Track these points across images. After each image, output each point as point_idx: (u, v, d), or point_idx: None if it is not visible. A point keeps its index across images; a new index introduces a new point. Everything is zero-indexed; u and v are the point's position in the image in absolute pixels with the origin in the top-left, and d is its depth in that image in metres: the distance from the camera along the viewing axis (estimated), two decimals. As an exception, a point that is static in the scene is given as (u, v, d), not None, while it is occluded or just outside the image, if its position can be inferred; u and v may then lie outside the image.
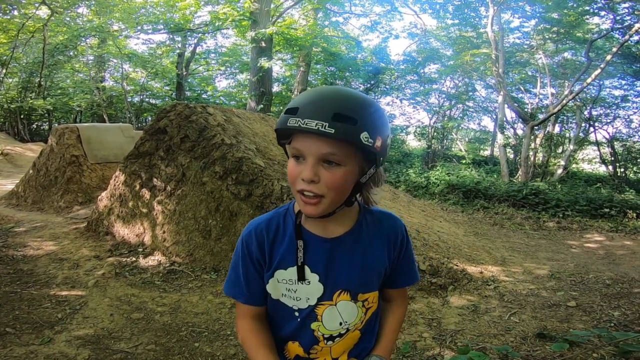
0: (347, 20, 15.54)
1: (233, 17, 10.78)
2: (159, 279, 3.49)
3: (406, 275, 1.01)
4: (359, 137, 0.76)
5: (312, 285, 0.90)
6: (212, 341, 2.53)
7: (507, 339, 2.53)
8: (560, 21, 10.35)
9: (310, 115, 0.76)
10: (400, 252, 0.98)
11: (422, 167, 12.76)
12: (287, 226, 0.93)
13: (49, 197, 6.15)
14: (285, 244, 0.91)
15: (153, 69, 16.50)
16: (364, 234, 0.93)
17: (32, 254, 3.94)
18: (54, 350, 2.32)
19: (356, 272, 0.91)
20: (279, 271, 0.91)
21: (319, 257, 0.90)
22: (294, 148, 0.81)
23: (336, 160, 0.79)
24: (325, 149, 0.78)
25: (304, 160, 0.81)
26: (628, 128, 14.32)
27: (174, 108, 4.51)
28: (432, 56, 14.79)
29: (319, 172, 0.80)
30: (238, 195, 3.81)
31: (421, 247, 3.63)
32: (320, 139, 0.78)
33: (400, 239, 0.97)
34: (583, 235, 6.08)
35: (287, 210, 0.95)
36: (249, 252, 0.93)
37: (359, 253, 0.92)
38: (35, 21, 13.12)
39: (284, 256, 0.91)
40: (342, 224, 0.92)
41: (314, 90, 0.83)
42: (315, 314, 0.92)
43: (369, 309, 0.95)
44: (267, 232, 0.92)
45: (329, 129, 0.75)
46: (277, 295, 0.93)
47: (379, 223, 0.96)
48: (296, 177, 0.82)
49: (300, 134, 0.80)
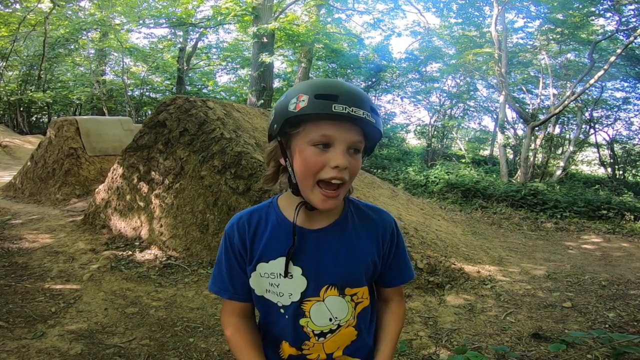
0: (349, 17, 15.48)
1: (235, 12, 10.72)
2: (154, 273, 3.48)
3: (400, 273, 0.99)
4: (381, 129, 0.84)
5: (295, 280, 0.88)
6: (207, 337, 2.52)
7: (502, 339, 2.52)
8: (565, 22, 10.29)
9: (355, 103, 0.78)
10: (391, 247, 0.96)
11: (421, 165, 12.75)
12: (269, 218, 0.91)
13: (47, 189, 6.13)
14: (267, 235, 0.89)
15: (154, 63, 16.46)
16: (350, 226, 0.92)
17: (27, 247, 3.93)
18: (46, 345, 2.30)
19: (342, 265, 0.89)
20: (260, 264, 0.89)
21: (303, 249, 0.88)
22: (323, 135, 0.79)
23: (359, 148, 0.83)
24: (356, 137, 0.81)
25: (332, 147, 0.80)
26: (628, 130, 14.33)
27: (173, 101, 4.49)
28: (435, 55, 14.74)
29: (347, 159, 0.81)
30: (236, 190, 3.79)
31: (419, 245, 3.62)
32: (352, 128, 0.80)
33: (390, 233, 0.95)
34: (580, 237, 6.07)
35: (271, 204, 0.94)
36: (231, 246, 0.92)
37: (345, 244, 0.90)
38: (36, 14, 13.06)
39: (265, 248, 0.89)
40: (328, 214, 0.90)
41: (338, 82, 0.82)
42: (303, 310, 0.89)
43: (359, 304, 0.93)
44: (248, 224, 0.91)
45: (371, 118, 0.79)
46: (262, 291, 0.91)
47: (366, 216, 0.95)
48: (322, 166, 0.80)
49: (328, 121, 0.79)
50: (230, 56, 17.24)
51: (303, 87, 0.81)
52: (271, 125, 0.85)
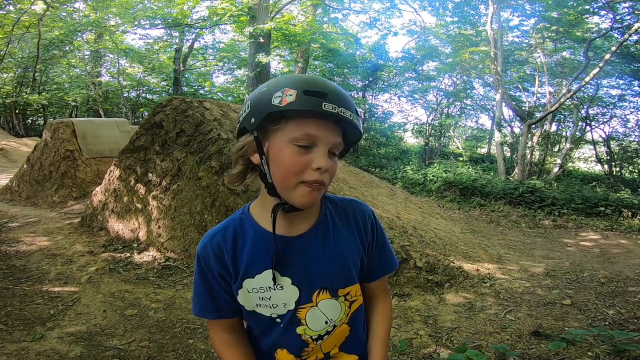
0: (346, 17, 15.46)
1: (231, 12, 10.69)
2: (153, 274, 3.46)
3: (383, 263, 0.95)
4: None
5: (286, 290, 0.84)
6: (206, 338, 2.51)
7: (502, 337, 2.52)
8: (560, 20, 10.33)
9: (343, 103, 0.75)
10: (373, 237, 0.93)
11: (419, 164, 12.76)
12: (245, 231, 0.86)
13: (43, 192, 6.09)
14: (247, 250, 0.85)
15: (150, 64, 16.38)
16: (330, 225, 0.88)
17: (25, 250, 3.90)
18: (46, 347, 2.29)
19: (331, 267, 0.86)
20: (247, 280, 0.84)
21: (287, 258, 0.84)
22: (307, 134, 0.74)
23: (338, 151, 0.81)
24: (337, 138, 0.78)
25: (315, 148, 0.76)
26: (624, 127, 14.40)
27: (170, 102, 4.47)
28: (431, 54, 14.75)
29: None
30: (234, 190, 3.78)
31: (418, 244, 3.62)
32: (334, 129, 0.77)
33: (370, 224, 0.92)
34: (578, 234, 6.10)
35: (243, 215, 0.89)
36: (208, 268, 0.86)
37: (330, 245, 0.87)
38: (30, 16, 12.98)
39: (249, 264, 0.84)
40: (307, 217, 0.87)
41: (322, 78, 0.79)
42: (298, 318, 0.86)
43: (353, 302, 0.91)
44: (224, 242, 0.85)
45: (356, 120, 0.77)
46: (252, 306, 0.87)
47: (344, 211, 0.91)
48: (304, 167, 0.75)
49: (314, 120, 0.74)
50: (226, 57, 17.19)
51: (289, 81, 0.75)
52: (246, 118, 0.78)
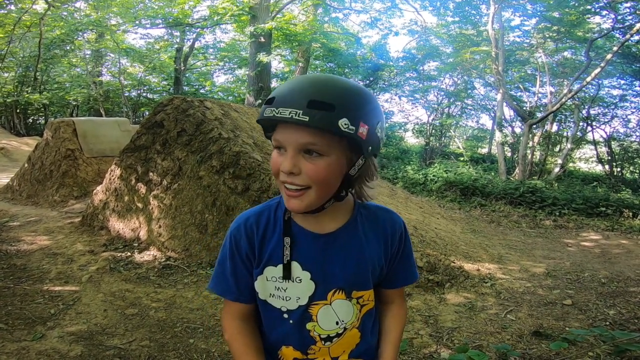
0: (347, 17, 15.48)
1: (232, 11, 10.70)
2: (154, 274, 3.47)
3: (405, 274, 0.96)
4: (336, 124, 0.71)
5: (303, 284, 0.86)
6: (207, 337, 2.51)
7: (503, 337, 2.52)
8: (561, 20, 10.32)
9: (284, 103, 0.72)
10: (399, 249, 0.93)
11: (420, 164, 12.76)
12: (277, 220, 0.88)
13: (44, 191, 6.09)
14: (275, 238, 0.87)
15: (151, 63, 16.39)
16: (359, 229, 0.89)
17: (25, 249, 3.91)
18: (46, 347, 2.29)
19: (350, 269, 0.87)
20: (268, 267, 0.87)
21: (311, 253, 0.86)
22: (275, 139, 0.79)
23: (317, 150, 0.75)
24: (304, 138, 0.74)
25: (285, 151, 0.77)
26: (625, 128, 14.38)
27: (171, 102, 4.47)
28: (432, 53, 14.74)
29: (299, 163, 0.76)
30: (235, 190, 3.78)
31: (418, 243, 3.62)
32: (299, 129, 0.74)
33: (399, 235, 0.92)
34: (579, 234, 6.09)
35: (279, 204, 0.90)
36: (237, 248, 0.88)
37: (354, 249, 0.87)
38: (31, 15, 12.99)
39: (273, 252, 0.86)
40: (336, 218, 0.88)
41: (294, 79, 0.80)
42: (310, 314, 0.87)
43: (364, 306, 0.91)
44: (257, 226, 0.87)
45: (302, 116, 0.71)
46: (265, 295, 0.88)
47: (375, 218, 0.91)
48: (278, 169, 0.78)
49: (281, 124, 0.77)
50: (227, 56, 17.20)
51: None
52: None
